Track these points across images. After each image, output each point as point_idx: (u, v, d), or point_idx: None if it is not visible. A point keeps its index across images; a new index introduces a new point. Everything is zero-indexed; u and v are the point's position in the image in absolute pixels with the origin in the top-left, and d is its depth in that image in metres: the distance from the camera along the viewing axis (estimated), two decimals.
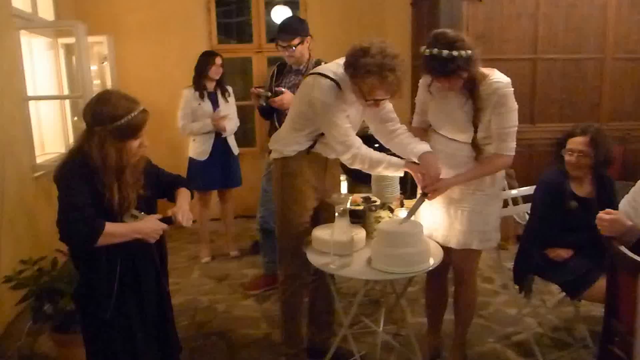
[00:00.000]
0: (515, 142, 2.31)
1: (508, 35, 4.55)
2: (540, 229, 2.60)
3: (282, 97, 3.10)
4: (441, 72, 2.12)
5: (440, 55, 2.07)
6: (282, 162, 2.45)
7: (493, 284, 3.73)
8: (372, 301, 3.44)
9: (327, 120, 2.23)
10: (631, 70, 4.74)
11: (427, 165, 2.25)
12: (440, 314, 2.75)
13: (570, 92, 4.71)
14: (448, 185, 2.30)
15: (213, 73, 4.06)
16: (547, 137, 4.66)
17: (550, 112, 4.73)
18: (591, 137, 2.51)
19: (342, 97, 2.22)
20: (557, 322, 3.16)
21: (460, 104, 2.27)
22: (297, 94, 2.42)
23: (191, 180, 4.15)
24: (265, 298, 3.58)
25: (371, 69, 2.06)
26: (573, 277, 2.51)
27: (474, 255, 2.47)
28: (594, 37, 4.62)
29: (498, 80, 2.22)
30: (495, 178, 2.40)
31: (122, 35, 4.99)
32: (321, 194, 2.52)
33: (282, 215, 2.47)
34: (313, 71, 2.32)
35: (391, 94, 2.16)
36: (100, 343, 1.96)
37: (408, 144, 2.34)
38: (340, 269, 2.18)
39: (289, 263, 2.51)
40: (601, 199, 2.58)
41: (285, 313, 2.60)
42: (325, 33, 5.39)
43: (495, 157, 2.31)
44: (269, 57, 5.41)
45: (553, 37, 4.59)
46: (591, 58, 4.66)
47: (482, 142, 2.31)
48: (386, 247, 2.13)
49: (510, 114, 2.24)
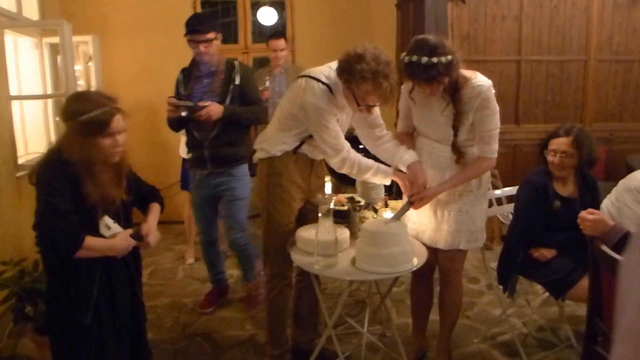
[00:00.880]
0: (498, 143, 2.32)
1: (493, 36, 4.56)
2: (524, 228, 2.59)
3: (209, 109, 2.87)
4: (422, 79, 2.11)
5: (420, 62, 2.06)
6: (268, 162, 2.42)
7: (478, 284, 3.72)
8: (357, 302, 3.41)
9: (318, 123, 2.22)
10: (615, 71, 4.77)
11: (415, 174, 2.28)
12: (426, 314, 2.73)
13: (555, 93, 4.73)
14: (434, 194, 2.31)
15: None
16: (531, 138, 4.68)
17: (535, 113, 4.73)
18: (574, 137, 2.51)
19: (333, 102, 2.22)
20: (541, 322, 3.16)
21: (441, 109, 2.27)
22: (287, 95, 2.38)
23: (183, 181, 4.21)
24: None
25: (366, 75, 2.05)
26: (556, 277, 2.50)
27: (461, 255, 2.47)
28: (578, 39, 4.64)
29: (480, 83, 2.21)
30: (482, 179, 2.41)
31: (108, 36, 4.93)
32: (306, 194, 2.51)
33: (268, 215, 2.44)
34: (305, 73, 2.28)
35: (384, 100, 2.15)
36: (71, 349, 1.91)
37: (395, 152, 2.36)
38: (325, 269, 2.16)
39: (274, 263, 2.47)
40: (584, 198, 2.58)
41: (270, 313, 2.57)
42: (312, 34, 5.37)
43: (479, 160, 2.31)
44: (255, 58, 5.38)
45: (537, 39, 4.60)
46: (575, 60, 4.68)
47: (464, 144, 2.31)
48: (370, 247, 2.11)
49: (493, 116, 2.24)
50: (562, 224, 2.52)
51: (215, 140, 3.01)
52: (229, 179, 3.10)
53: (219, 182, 3.10)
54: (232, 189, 3.11)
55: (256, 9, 5.28)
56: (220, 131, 2.99)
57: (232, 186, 3.11)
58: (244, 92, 3.03)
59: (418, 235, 2.45)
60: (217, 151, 3.02)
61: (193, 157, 3.13)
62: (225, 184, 3.10)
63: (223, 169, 3.07)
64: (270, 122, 2.49)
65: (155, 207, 2.14)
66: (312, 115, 2.21)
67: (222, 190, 3.12)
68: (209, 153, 3.03)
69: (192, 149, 3.13)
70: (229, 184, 3.10)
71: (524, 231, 2.59)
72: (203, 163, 3.07)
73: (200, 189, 3.17)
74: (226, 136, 3.00)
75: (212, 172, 3.08)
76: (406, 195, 2.34)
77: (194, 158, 3.12)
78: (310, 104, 2.19)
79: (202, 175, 3.11)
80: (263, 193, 2.46)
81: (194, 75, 3.07)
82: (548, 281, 2.55)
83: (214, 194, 3.15)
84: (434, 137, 2.36)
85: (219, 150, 3.02)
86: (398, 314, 3.27)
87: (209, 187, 3.12)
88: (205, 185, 3.13)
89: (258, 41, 5.41)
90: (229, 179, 3.10)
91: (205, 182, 3.12)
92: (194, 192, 3.24)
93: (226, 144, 3.02)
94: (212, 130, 2.99)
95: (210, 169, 3.07)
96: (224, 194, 3.13)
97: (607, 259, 1.92)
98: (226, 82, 3.00)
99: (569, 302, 2.92)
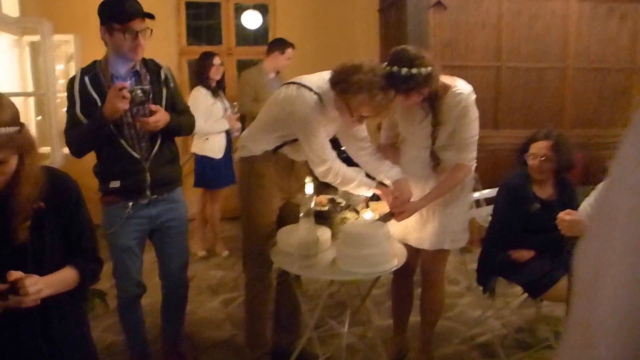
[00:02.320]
0: (478, 148, 2.33)
1: (473, 43, 4.59)
2: (503, 230, 2.60)
3: (158, 116, 2.21)
4: (401, 90, 2.11)
5: (399, 74, 2.06)
6: (249, 161, 2.40)
7: (459, 285, 3.72)
8: (337, 303, 3.38)
9: (306, 132, 2.20)
10: (592, 79, 4.84)
11: (400, 190, 2.29)
12: (406, 315, 2.72)
13: (533, 99, 4.78)
14: (416, 208, 2.31)
15: (213, 74, 4.06)
16: (510, 143, 4.69)
17: (514, 118, 4.78)
18: (554, 141, 2.52)
19: (323, 112, 2.21)
20: (520, 323, 3.17)
21: (420, 118, 2.28)
22: (276, 100, 2.33)
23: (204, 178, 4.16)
24: (231, 300, 3.49)
25: (362, 85, 2.04)
26: (535, 278, 2.51)
27: (443, 255, 2.47)
28: (556, 47, 4.70)
29: (461, 91, 2.22)
30: (465, 180, 2.41)
31: (91, 35, 4.76)
32: (287, 194, 2.48)
33: (248, 214, 2.41)
34: (297, 80, 2.26)
35: (378, 112, 2.15)
36: None
37: (379, 166, 2.37)
38: (305, 270, 2.14)
39: (254, 264, 2.44)
40: (562, 201, 2.59)
41: (250, 315, 2.54)
42: (295, 38, 5.35)
43: (456, 168, 2.31)
44: (238, 60, 5.35)
45: (516, 46, 4.65)
46: (553, 67, 4.74)
47: (442, 148, 2.32)
48: (350, 248, 2.10)
49: (472, 124, 2.25)
50: (541, 226, 2.53)
51: (158, 158, 2.31)
52: (173, 206, 2.41)
53: (161, 212, 2.37)
54: (176, 218, 2.43)
55: (240, 12, 5.25)
56: (162, 146, 2.33)
57: (176, 215, 2.43)
58: (174, 100, 2.38)
59: (405, 237, 2.45)
60: (160, 171, 2.32)
61: (124, 185, 2.27)
62: (168, 213, 2.40)
63: (164, 194, 2.37)
64: (254, 122, 2.47)
65: (66, 272, 1.54)
66: (301, 124, 2.20)
67: (163, 221, 2.39)
68: (151, 175, 2.29)
69: (124, 173, 2.26)
70: (174, 212, 2.42)
71: (503, 232, 2.60)
72: (141, 190, 2.29)
73: (129, 228, 2.32)
74: (167, 152, 2.36)
75: (152, 199, 2.33)
76: (389, 208, 2.35)
77: (126, 186, 2.27)
78: (300, 114, 2.17)
79: (139, 206, 2.32)
80: (244, 193, 2.43)
81: (112, 76, 2.23)
82: (526, 282, 2.56)
83: (151, 229, 2.40)
84: (418, 144, 2.37)
85: (161, 170, 2.33)
86: (379, 315, 3.25)
87: (146, 222, 2.36)
88: (140, 220, 2.34)
89: (242, 44, 5.38)
90: (172, 206, 2.41)
91: (140, 216, 2.33)
92: (120, 235, 2.32)
93: (168, 161, 2.37)
94: (152, 146, 2.29)
95: (150, 195, 2.32)
96: (166, 226, 2.41)
97: None
98: (158, 86, 2.31)
99: (546, 303, 2.93)
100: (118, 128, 2.20)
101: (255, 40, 5.53)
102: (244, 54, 5.42)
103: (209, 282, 3.81)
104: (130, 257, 2.37)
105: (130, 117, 2.22)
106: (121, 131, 2.22)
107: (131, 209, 2.30)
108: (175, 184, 2.44)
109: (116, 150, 2.23)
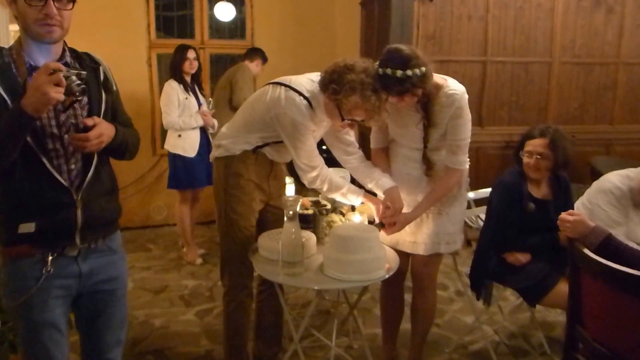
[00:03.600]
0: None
1: (459, 36, 4.54)
2: (497, 231, 2.53)
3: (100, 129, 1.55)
4: (395, 92, 2.04)
5: (394, 76, 1.99)
6: (225, 161, 2.29)
7: (447, 290, 3.66)
8: (321, 312, 3.27)
9: (294, 138, 2.15)
10: (577, 74, 4.85)
11: (392, 199, 2.25)
12: (397, 323, 2.64)
13: (519, 95, 4.77)
14: (408, 220, 2.27)
15: (187, 67, 4.00)
16: (495, 140, 4.70)
17: (499, 114, 4.76)
18: (550, 139, 2.46)
19: (312, 117, 2.15)
20: (513, 329, 3.11)
21: (411, 121, 2.24)
22: (258, 99, 2.23)
23: (177, 178, 3.99)
24: (207, 311, 3.36)
25: (355, 86, 2.00)
26: (531, 282, 2.45)
27: (437, 259, 2.41)
28: (542, 41, 4.69)
29: (454, 90, 2.17)
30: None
31: None
32: (267, 196, 2.39)
33: (226, 218, 2.29)
34: (283, 82, 2.17)
35: (370, 115, 2.08)
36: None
37: (369, 174, 2.34)
38: (291, 278, 2.03)
39: (233, 272, 2.33)
40: (558, 200, 2.55)
41: (229, 327, 2.41)
42: (272, 32, 5.24)
43: (449, 173, 2.27)
44: (212, 54, 5.20)
45: (502, 40, 4.63)
46: (539, 62, 4.73)
47: (434, 150, 2.29)
48: (340, 253, 2.00)
49: (465, 125, 2.21)
50: (536, 226, 2.49)
51: (93, 188, 1.61)
52: (111, 259, 1.71)
53: (95, 268, 1.66)
54: (116, 278, 1.73)
55: (214, 3, 5.09)
56: (99, 169, 1.64)
57: (116, 274, 1.73)
58: (116, 108, 1.74)
59: (396, 242, 2.38)
60: (95, 207, 1.62)
61: (43, 229, 1.54)
62: (105, 270, 1.69)
63: (100, 241, 1.66)
64: (232, 120, 2.36)
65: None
66: (289, 129, 2.13)
67: (97, 282, 1.68)
68: (84, 212, 1.58)
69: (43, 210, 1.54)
70: (112, 269, 1.72)
71: (497, 234, 2.53)
72: (68, 235, 1.58)
73: (49, 294, 1.58)
74: (106, 178, 1.68)
75: (83, 249, 1.62)
76: (379, 219, 2.30)
77: (46, 230, 1.55)
78: (288, 119, 2.10)
79: (64, 260, 1.60)
80: (221, 195, 2.32)
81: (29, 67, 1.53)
82: (522, 287, 2.49)
83: (79, 293, 1.66)
84: (410, 146, 2.33)
85: (97, 206, 1.62)
86: (365, 324, 3.15)
87: (74, 283, 1.63)
88: (65, 282, 1.61)
89: (215, 37, 5.22)
90: (110, 260, 1.71)
91: (65, 275, 1.60)
92: (36, 306, 1.57)
93: (107, 192, 1.67)
94: (86, 169, 1.60)
95: (80, 244, 1.60)
96: (101, 289, 1.69)
97: (589, 262, 1.85)
98: (97, 88, 1.65)
99: (539, 308, 2.88)
100: (37, 140, 1.50)
101: (231, 33, 5.38)
102: (218, 48, 5.26)
103: (182, 292, 3.67)
104: (52, 339, 1.60)
105: (55, 125, 1.53)
106: (42, 145, 1.51)
107: (52, 265, 1.57)
108: (114, 227, 1.73)
109: (33, 175, 1.51)
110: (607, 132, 4.97)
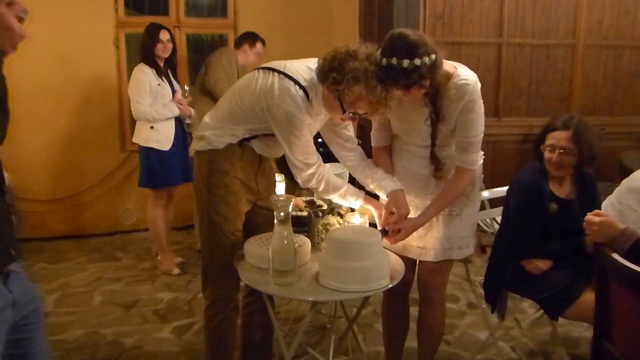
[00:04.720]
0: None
1: (471, 15, 4.60)
2: (515, 235, 2.57)
3: None
4: (402, 84, 2.05)
5: (401, 66, 2.00)
6: (208, 156, 2.31)
7: (458, 303, 3.71)
8: (317, 328, 3.32)
9: (288, 133, 2.17)
10: (604, 58, 4.92)
11: (397, 203, 2.27)
12: (401, 340, 2.67)
13: (539, 82, 4.83)
14: (414, 227, 2.29)
15: (160, 51, 4.02)
16: (513, 133, 4.76)
17: (517, 104, 4.82)
18: (574, 131, 2.50)
19: (308, 109, 2.17)
20: (532, 346, 3.16)
21: (420, 117, 2.26)
22: (246, 87, 2.24)
23: (150, 175, 3.98)
24: (186, 328, 3.39)
25: (358, 75, 2.02)
26: (553, 292, 2.49)
27: (447, 267, 2.44)
28: (565, 21, 4.76)
29: (465, 80, 2.18)
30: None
31: None
32: (254, 195, 2.42)
33: (209, 222, 2.32)
34: (276, 68, 2.18)
35: (375, 107, 2.10)
36: None
37: (371, 174, 2.36)
38: (282, 289, 2.06)
39: (217, 282, 2.36)
40: (582, 200, 2.59)
41: (212, 345, 2.44)
42: (258, 11, 5.25)
43: (460, 174, 2.30)
44: (188, 34, 5.23)
45: (520, 20, 4.69)
46: (562, 44, 4.79)
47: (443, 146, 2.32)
48: (338, 260, 2.03)
49: (477, 120, 2.23)
50: (559, 229, 2.53)
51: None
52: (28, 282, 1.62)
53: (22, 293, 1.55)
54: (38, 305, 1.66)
55: None
56: None
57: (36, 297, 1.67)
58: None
59: (404, 248, 2.41)
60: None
61: None
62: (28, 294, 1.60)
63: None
64: (215, 109, 2.38)
65: None
66: (282, 123, 2.15)
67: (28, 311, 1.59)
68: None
69: None
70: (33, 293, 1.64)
71: (516, 238, 2.57)
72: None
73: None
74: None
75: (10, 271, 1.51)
76: (381, 226, 2.32)
77: None
78: (281, 111, 2.12)
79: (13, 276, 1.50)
80: (202, 195, 2.35)
81: None
82: (543, 297, 2.53)
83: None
84: (416, 143, 2.35)
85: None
86: (366, 341, 3.20)
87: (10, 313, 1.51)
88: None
89: (192, 15, 5.25)
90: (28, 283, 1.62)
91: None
92: None
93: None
94: None
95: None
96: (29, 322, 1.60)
97: (618, 269, 1.89)
98: None
99: (562, 322, 2.93)
100: None
101: (210, 11, 5.40)
102: (195, 27, 5.28)
103: (156, 306, 3.70)
104: None
105: None
106: None
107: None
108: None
109: None
110: (638, 124, 5.04)
